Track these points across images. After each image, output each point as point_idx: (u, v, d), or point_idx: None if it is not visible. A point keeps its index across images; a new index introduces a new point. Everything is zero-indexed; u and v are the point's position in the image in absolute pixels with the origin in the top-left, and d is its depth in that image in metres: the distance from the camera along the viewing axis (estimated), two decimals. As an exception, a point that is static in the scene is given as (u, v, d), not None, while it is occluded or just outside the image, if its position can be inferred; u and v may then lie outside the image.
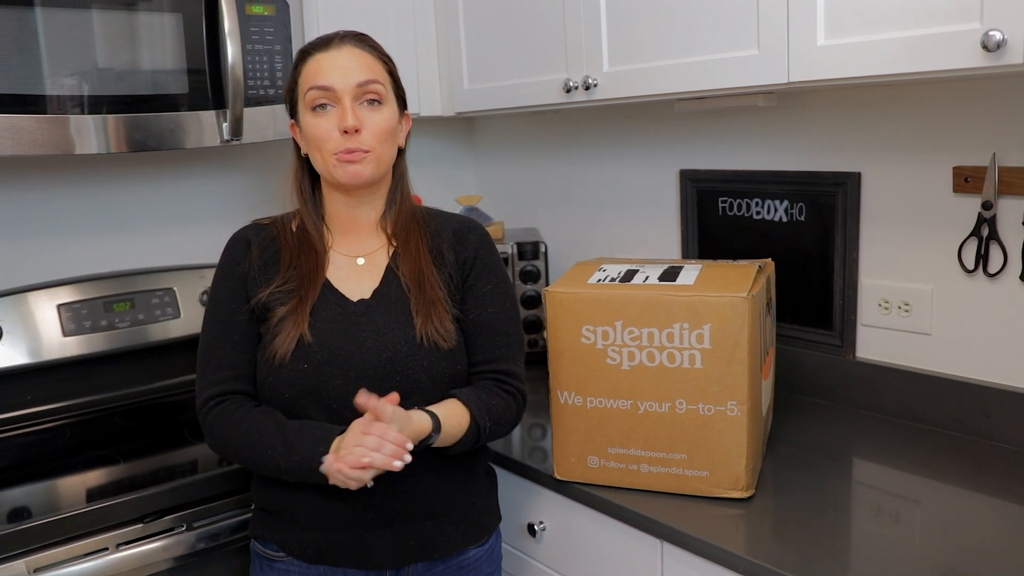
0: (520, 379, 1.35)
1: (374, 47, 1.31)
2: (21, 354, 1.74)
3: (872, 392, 1.66)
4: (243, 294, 1.31)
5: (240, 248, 1.35)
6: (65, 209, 1.91)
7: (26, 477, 1.56)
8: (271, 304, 1.29)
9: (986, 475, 1.37)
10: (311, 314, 1.27)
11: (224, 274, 1.34)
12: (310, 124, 1.27)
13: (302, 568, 1.30)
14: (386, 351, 1.26)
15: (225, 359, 1.30)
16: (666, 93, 1.56)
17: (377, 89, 1.27)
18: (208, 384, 1.29)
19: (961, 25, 1.15)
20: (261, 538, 1.34)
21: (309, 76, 1.27)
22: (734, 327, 1.27)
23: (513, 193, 2.45)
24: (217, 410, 1.27)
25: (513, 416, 1.34)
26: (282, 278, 1.30)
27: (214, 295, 1.34)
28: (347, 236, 1.36)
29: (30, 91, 1.49)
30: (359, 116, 1.25)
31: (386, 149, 1.29)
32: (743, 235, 1.84)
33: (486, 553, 1.39)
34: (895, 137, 1.58)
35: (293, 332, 1.25)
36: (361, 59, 1.27)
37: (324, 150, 1.26)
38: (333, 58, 1.26)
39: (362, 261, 1.34)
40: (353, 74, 1.25)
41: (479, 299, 1.34)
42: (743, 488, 1.32)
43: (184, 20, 1.63)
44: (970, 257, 1.51)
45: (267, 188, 2.18)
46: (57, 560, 1.37)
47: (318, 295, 1.29)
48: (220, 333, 1.31)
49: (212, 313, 1.33)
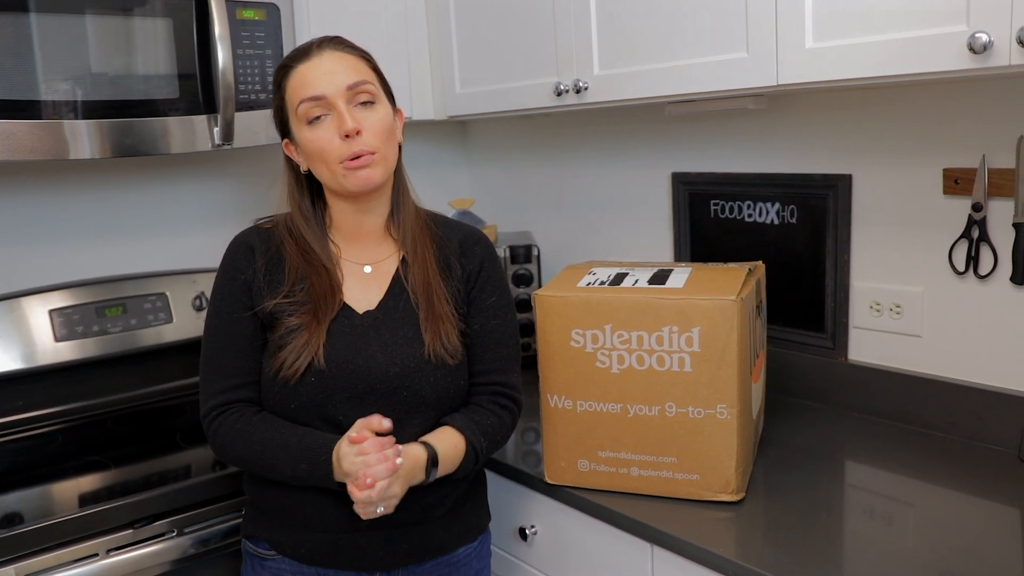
0: (517, 389, 1.37)
1: (352, 47, 1.28)
2: (13, 359, 1.73)
3: (864, 394, 1.66)
4: (246, 301, 1.29)
5: (243, 254, 1.31)
6: (57, 214, 1.91)
7: (17, 483, 1.56)
8: (278, 315, 1.26)
9: (978, 477, 1.37)
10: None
11: (226, 280, 1.31)
12: (308, 139, 1.24)
13: (294, 567, 1.31)
14: (394, 366, 1.26)
15: (228, 368, 1.28)
16: (656, 96, 1.56)
17: (368, 89, 1.25)
18: (211, 394, 1.28)
19: (948, 27, 1.15)
20: (253, 537, 1.34)
21: (296, 89, 1.24)
22: (723, 330, 1.27)
23: (506, 196, 2.45)
24: (219, 421, 1.27)
25: (508, 431, 1.35)
26: (288, 288, 1.27)
27: (216, 301, 1.31)
28: (354, 244, 1.33)
29: (24, 96, 1.49)
30: (357, 118, 1.23)
31: (390, 148, 1.27)
32: (735, 238, 1.85)
33: (475, 550, 1.40)
34: (885, 139, 1.58)
35: (305, 353, 1.23)
36: (345, 61, 1.25)
37: (329, 160, 1.23)
38: (317, 66, 1.23)
39: (369, 269, 1.32)
40: (341, 77, 1.23)
41: (483, 311, 1.34)
42: (733, 491, 1.31)
43: (175, 25, 1.63)
44: (961, 259, 1.51)
45: (258, 192, 2.18)
46: (48, 566, 1.36)
47: (334, 315, 1.28)
48: (222, 342, 1.29)
49: (214, 320, 1.31)
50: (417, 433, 1.27)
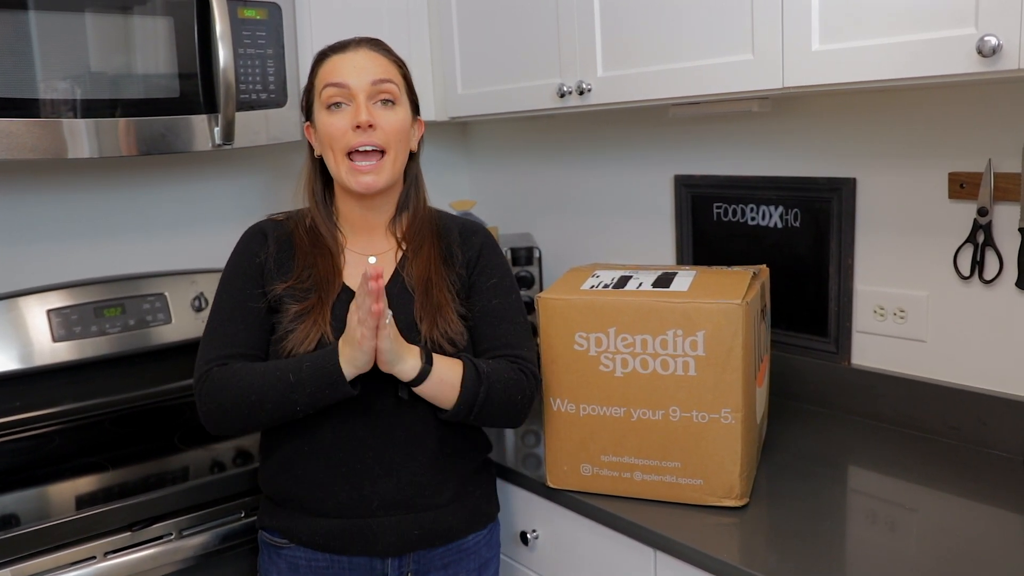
0: (532, 362, 1.35)
1: (389, 51, 1.36)
2: (11, 360, 1.72)
3: (867, 399, 1.66)
4: (259, 282, 1.33)
5: (258, 239, 1.37)
6: (56, 213, 1.90)
7: (14, 484, 1.54)
8: (286, 300, 1.31)
9: (982, 483, 1.37)
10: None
11: (240, 261, 1.35)
12: (324, 122, 1.30)
13: (308, 555, 1.34)
14: None
15: (235, 336, 1.29)
16: (660, 98, 1.55)
17: (391, 89, 1.31)
18: (208, 358, 1.28)
19: (956, 30, 1.14)
20: (268, 527, 1.38)
21: (325, 75, 1.31)
22: (728, 334, 1.26)
23: (507, 198, 2.44)
24: (216, 371, 1.26)
25: (525, 390, 1.31)
26: (297, 276, 1.32)
27: (228, 280, 1.34)
28: (359, 236, 1.39)
29: (23, 95, 1.48)
30: (373, 114, 1.28)
31: (400, 151, 1.33)
32: (738, 241, 1.84)
33: (485, 538, 1.42)
34: (890, 143, 1.57)
35: (313, 332, 1.27)
36: (376, 60, 1.32)
37: (336, 149, 1.29)
38: (349, 59, 1.31)
39: (373, 260, 1.34)
40: (368, 73, 1.29)
41: (483, 292, 1.37)
42: (737, 496, 1.30)
43: (176, 24, 1.62)
44: (966, 264, 1.50)
45: (259, 193, 2.17)
46: (44, 569, 1.35)
47: (335, 296, 1.31)
48: (231, 313, 1.31)
49: (224, 296, 1.33)
50: (421, 415, 1.30)
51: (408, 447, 1.31)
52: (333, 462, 1.31)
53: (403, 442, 1.31)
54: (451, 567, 1.38)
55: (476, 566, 1.41)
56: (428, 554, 1.36)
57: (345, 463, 1.30)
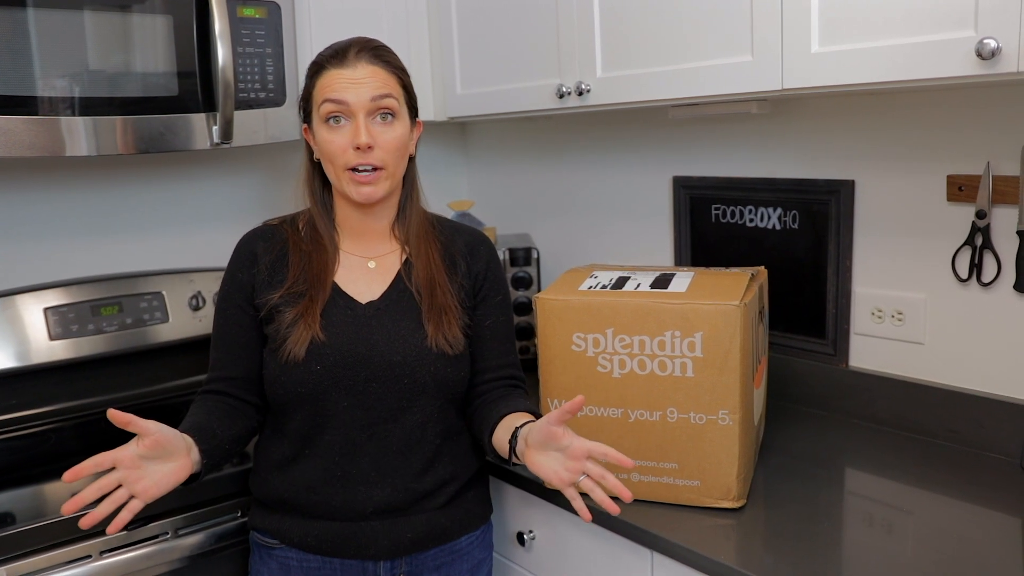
0: (525, 381, 1.45)
1: (388, 61, 1.32)
2: (7, 358, 1.72)
3: (865, 401, 1.66)
4: (239, 300, 1.35)
5: (245, 256, 1.37)
6: (53, 211, 1.90)
7: (9, 483, 1.54)
8: (281, 307, 1.31)
9: (979, 485, 1.36)
10: (321, 316, 1.30)
11: (229, 279, 1.37)
12: (324, 138, 1.29)
13: (300, 556, 1.34)
14: (397, 355, 1.30)
15: (219, 362, 1.37)
16: (659, 99, 1.55)
17: (390, 104, 1.29)
18: (205, 380, 1.38)
19: (956, 33, 1.14)
20: (260, 528, 1.38)
21: (324, 88, 1.29)
22: (726, 335, 1.26)
23: (505, 199, 2.44)
24: (199, 397, 1.36)
25: None
26: (292, 280, 1.33)
27: (219, 302, 1.39)
28: (358, 240, 1.39)
29: (21, 92, 1.48)
30: (372, 133, 1.27)
31: (399, 164, 1.33)
32: (736, 242, 1.84)
33: (478, 539, 1.42)
34: (889, 145, 1.57)
35: (305, 333, 1.28)
36: (376, 75, 1.28)
37: (336, 164, 1.29)
38: (348, 75, 1.27)
39: (373, 264, 1.37)
40: (367, 89, 1.27)
41: (492, 308, 1.40)
42: (734, 498, 1.30)
43: (175, 22, 1.62)
44: (964, 266, 1.50)
45: (257, 191, 2.17)
46: (39, 567, 1.35)
47: (328, 297, 1.32)
48: (217, 341, 1.37)
49: (217, 319, 1.38)
50: (418, 421, 1.31)
51: (404, 454, 1.31)
52: (329, 467, 1.31)
53: (399, 449, 1.31)
54: (444, 568, 1.38)
55: (469, 567, 1.41)
56: (420, 556, 1.36)
57: (341, 468, 1.30)
